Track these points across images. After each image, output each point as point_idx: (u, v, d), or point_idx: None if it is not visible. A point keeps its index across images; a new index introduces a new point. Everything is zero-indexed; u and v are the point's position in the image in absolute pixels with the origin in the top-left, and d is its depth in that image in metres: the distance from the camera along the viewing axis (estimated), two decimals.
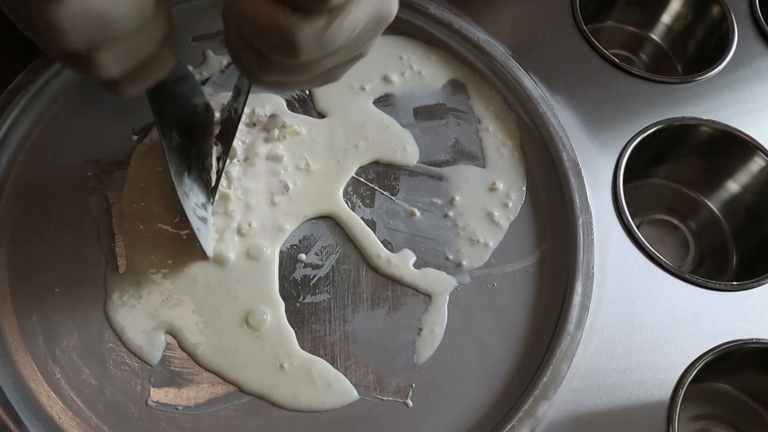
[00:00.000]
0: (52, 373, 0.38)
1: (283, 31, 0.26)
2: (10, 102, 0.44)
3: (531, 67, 0.49)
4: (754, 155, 0.48)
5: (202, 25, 0.50)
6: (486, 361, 0.40)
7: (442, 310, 0.41)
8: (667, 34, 0.59)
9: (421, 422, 0.38)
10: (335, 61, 0.30)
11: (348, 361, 0.39)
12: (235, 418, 0.37)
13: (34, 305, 0.39)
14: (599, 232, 0.43)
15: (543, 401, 0.38)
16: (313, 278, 0.41)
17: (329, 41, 0.27)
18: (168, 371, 0.38)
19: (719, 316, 0.42)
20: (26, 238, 0.41)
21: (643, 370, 0.40)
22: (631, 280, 0.42)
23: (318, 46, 0.27)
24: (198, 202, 0.40)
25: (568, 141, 0.46)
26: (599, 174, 0.46)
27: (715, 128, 0.48)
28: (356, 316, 0.40)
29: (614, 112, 0.48)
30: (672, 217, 0.53)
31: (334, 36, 0.27)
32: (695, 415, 0.44)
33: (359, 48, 0.31)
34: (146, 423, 0.37)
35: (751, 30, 0.53)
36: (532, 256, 0.43)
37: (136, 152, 0.44)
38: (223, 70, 0.48)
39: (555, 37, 0.52)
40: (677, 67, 0.58)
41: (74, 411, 0.37)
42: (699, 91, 0.50)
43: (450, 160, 0.46)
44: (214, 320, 0.39)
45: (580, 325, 0.40)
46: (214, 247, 0.41)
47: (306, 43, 0.27)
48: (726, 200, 0.51)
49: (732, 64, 0.51)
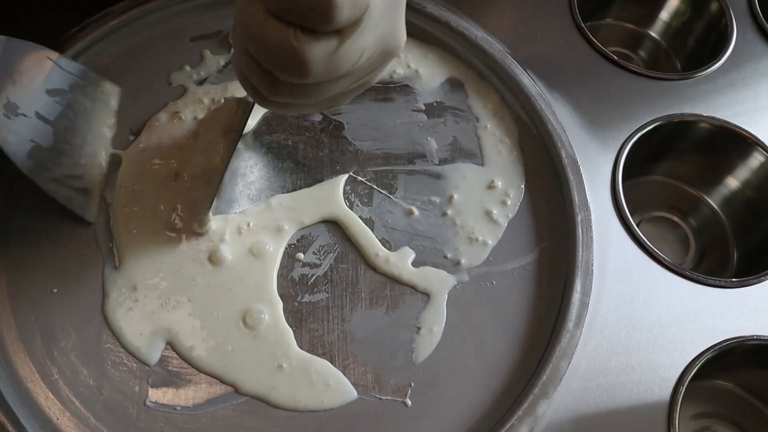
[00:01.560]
0: (50, 373, 0.38)
1: (295, 51, 0.27)
2: None
3: (529, 65, 0.49)
4: (754, 151, 0.48)
5: (200, 26, 0.50)
6: (485, 360, 0.39)
7: (440, 308, 0.41)
8: (665, 30, 0.59)
9: (420, 421, 0.38)
10: (342, 86, 0.31)
11: (346, 360, 0.39)
12: (233, 419, 0.37)
13: (32, 306, 0.39)
14: (599, 230, 0.43)
15: (542, 400, 0.37)
16: (312, 277, 0.41)
17: (338, 63, 0.28)
18: (166, 371, 0.38)
19: (720, 313, 0.41)
20: (24, 239, 0.41)
21: (643, 367, 0.39)
22: (631, 277, 0.42)
23: (327, 67, 0.28)
24: (68, 173, 0.41)
25: (566, 138, 0.46)
26: (598, 171, 0.46)
27: (714, 124, 0.48)
28: (354, 315, 0.40)
29: (613, 109, 0.48)
30: (672, 215, 0.53)
31: (343, 58, 0.28)
32: (696, 413, 0.44)
33: (366, 75, 0.32)
34: (144, 423, 0.37)
35: (750, 26, 0.53)
36: (531, 254, 0.43)
37: (127, 154, 0.44)
38: (220, 70, 0.48)
39: (553, 35, 0.52)
40: (676, 64, 0.58)
41: (72, 412, 0.37)
42: (698, 88, 0.50)
43: (448, 158, 0.46)
44: (212, 321, 0.39)
45: (580, 323, 0.40)
46: (212, 246, 0.41)
47: (316, 64, 0.28)
48: (726, 197, 0.51)
49: (731, 60, 0.51)
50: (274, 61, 0.29)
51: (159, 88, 0.47)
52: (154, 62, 0.48)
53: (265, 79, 0.30)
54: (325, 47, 0.28)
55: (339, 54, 0.28)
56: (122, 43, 0.49)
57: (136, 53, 0.48)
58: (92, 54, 0.48)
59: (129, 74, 0.47)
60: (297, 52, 0.27)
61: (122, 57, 0.48)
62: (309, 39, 0.27)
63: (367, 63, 0.30)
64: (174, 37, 0.49)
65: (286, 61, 0.28)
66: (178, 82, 0.47)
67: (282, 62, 0.28)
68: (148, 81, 0.47)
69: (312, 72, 0.28)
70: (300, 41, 0.27)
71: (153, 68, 0.48)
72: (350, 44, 0.28)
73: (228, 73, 0.48)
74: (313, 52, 0.27)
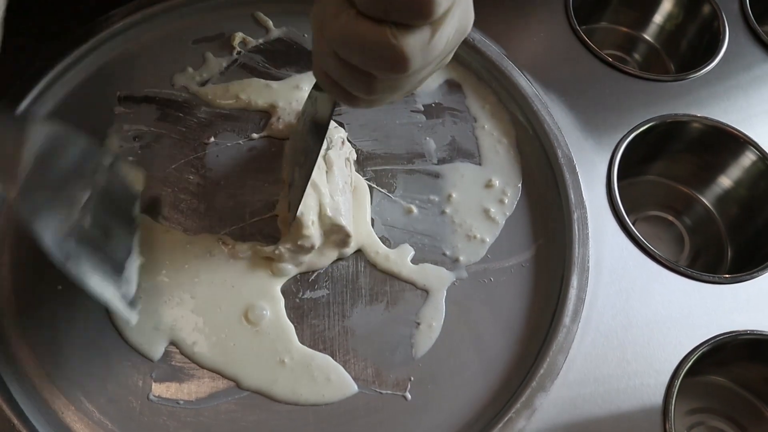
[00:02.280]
0: (54, 368, 0.38)
1: (394, 48, 0.28)
2: (13, 105, 0.45)
3: (526, 67, 0.50)
4: (746, 150, 0.49)
5: (203, 28, 0.51)
6: (483, 355, 0.40)
7: (439, 304, 0.41)
8: (659, 33, 0.60)
9: (420, 415, 0.38)
10: (428, 71, 0.32)
11: (347, 355, 0.39)
12: (235, 413, 0.38)
13: (37, 302, 0.40)
14: (594, 228, 0.44)
15: (540, 393, 0.38)
16: (313, 274, 0.42)
17: (431, 52, 0.29)
18: (169, 366, 0.39)
19: (714, 308, 0.42)
20: (29, 237, 0.41)
21: (638, 362, 0.40)
22: (627, 274, 0.43)
23: (423, 57, 0.29)
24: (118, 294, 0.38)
25: (562, 138, 0.47)
26: (594, 171, 0.46)
27: (707, 124, 0.49)
28: (355, 311, 0.41)
29: (608, 110, 0.49)
30: (667, 214, 0.53)
31: (435, 46, 0.29)
32: (691, 408, 0.45)
33: (447, 56, 0.32)
34: (148, 417, 0.37)
35: (742, 28, 0.54)
36: (528, 251, 0.43)
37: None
38: (222, 72, 0.49)
39: (549, 38, 0.53)
40: (670, 66, 0.59)
41: (77, 406, 0.37)
42: (691, 89, 0.51)
43: (447, 157, 0.47)
44: (214, 317, 0.40)
45: (576, 318, 0.40)
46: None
47: (414, 56, 0.28)
48: (719, 195, 0.52)
49: (723, 61, 0.52)
50: (373, 60, 0.29)
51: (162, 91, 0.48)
52: (156, 64, 0.49)
53: (361, 80, 0.30)
54: (420, 39, 0.28)
55: (433, 42, 0.29)
56: (125, 45, 0.49)
57: (139, 56, 0.49)
58: (96, 56, 0.48)
59: (132, 76, 0.48)
60: (397, 48, 0.28)
61: (125, 59, 0.49)
62: (406, 33, 0.28)
63: (450, 45, 0.31)
64: (177, 39, 0.50)
65: (386, 58, 0.28)
66: (181, 84, 0.48)
67: (382, 60, 0.29)
68: (152, 83, 0.48)
69: (412, 65, 0.29)
70: (398, 38, 0.28)
71: (156, 70, 0.48)
72: (442, 32, 0.29)
73: (229, 76, 0.49)
74: (411, 45, 0.28)
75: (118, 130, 0.46)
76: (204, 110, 0.47)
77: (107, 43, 0.49)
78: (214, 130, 0.46)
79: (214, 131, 0.46)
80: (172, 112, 0.47)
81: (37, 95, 0.46)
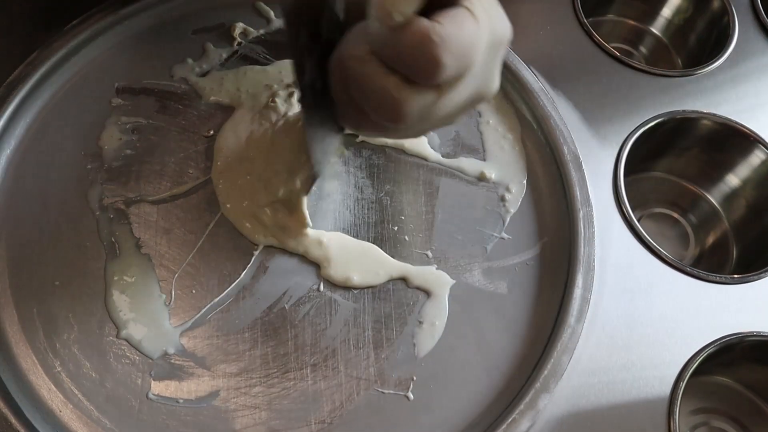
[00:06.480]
0: (52, 366, 0.38)
1: (395, 101, 0.27)
2: (9, 94, 0.44)
3: (531, 61, 0.49)
4: (755, 148, 0.48)
5: (202, 19, 0.50)
6: (487, 354, 0.39)
7: (442, 303, 0.41)
8: (667, 27, 0.59)
9: (422, 415, 0.38)
10: (431, 127, 0.31)
11: (349, 354, 0.39)
12: (235, 411, 0.37)
13: (34, 298, 0.39)
14: (600, 226, 0.43)
15: (544, 394, 0.38)
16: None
17: (436, 113, 0.28)
18: (169, 364, 0.38)
19: (720, 309, 0.42)
20: (26, 231, 0.41)
21: (643, 363, 0.40)
22: (632, 273, 0.42)
23: (422, 116, 0.28)
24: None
25: (568, 134, 0.46)
26: (600, 167, 0.46)
27: (715, 121, 0.48)
28: (358, 308, 0.40)
29: (615, 105, 0.48)
30: (672, 211, 0.53)
31: (440, 109, 0.28)
32: (696, 408, 0.44)
33: (453, 119, 0.31)
34: (147, 416, 0.37)
35: (752, 23, 0.53)
36: (533, 249, 0.43)
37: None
38: (223, 63, 0.48)
39: (555, 31, 0.52)
40: (677, 60, 0.58)
41: (75, 404, 0.37)
42: (699, 85, 0.50)
43: (450, 153, 0.46)
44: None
45: (581, 317, 0.40)
46: None
47: (411, 114, 0.28)
48: (726, 194, 0.51)
49: (733, 57, 0.51)
50: (371, 104, 0.28)
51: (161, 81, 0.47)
52: (155, 55, 0.48)
53: (358, 115, 0.30)
54: (423, 100, 0.27)
55: (438, 105, 0.28)
56: (124, 35, 0.48)
57: (137, 46, 0.48)
58: (93, 46, 0.47)
59: (130, 67, 0.47)
60: (396, 102, 0.27)
61: (124, 49, 0.48)
62: (410, 91, 0.27)
63: (459, 109, 0.30)
64: (176, 30, 0.49)
65: (383, 108, 0.28)
66: (180, 75, 0.47)
67: (379, 108, 0.28)
68: (150, 74, 0.47)
69: (406, 121, 0.28)
70: (401, 93, 0.27)
71: (155, 61, 0.48)
72: (448, 98, 0.28)
73: (229, 66, 0.48)
74: (412, 104, 0.27)
75: (116, 121, 0.45)
76: (204, 102, 0.46)
77: (105, 33, 0.48)
78: (215, 122, 0.46)
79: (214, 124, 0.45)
80: (171, 104, 0.46)
81: (34, 84, 0.45)
